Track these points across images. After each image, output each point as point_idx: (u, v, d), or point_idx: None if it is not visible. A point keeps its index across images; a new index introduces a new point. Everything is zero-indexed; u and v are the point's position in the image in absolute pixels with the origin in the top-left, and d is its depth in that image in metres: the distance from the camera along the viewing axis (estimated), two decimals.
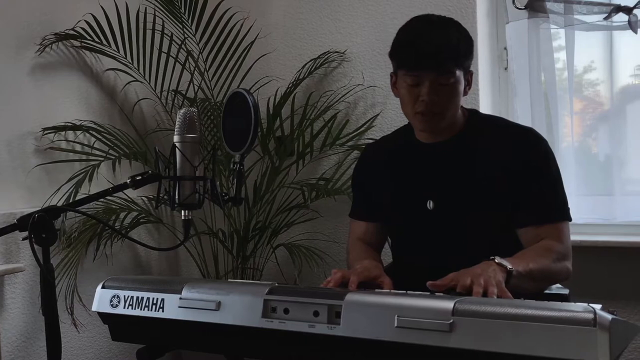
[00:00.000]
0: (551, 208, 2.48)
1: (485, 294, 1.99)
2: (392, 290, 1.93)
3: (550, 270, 2.38)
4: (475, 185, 2.48)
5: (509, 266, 2.15)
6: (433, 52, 2.38)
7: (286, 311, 1.84)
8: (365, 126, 3.94)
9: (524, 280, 2.20)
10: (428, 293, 1.98)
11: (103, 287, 2.15)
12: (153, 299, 2.04)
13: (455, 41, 2.42)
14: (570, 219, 2.51)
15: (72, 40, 3.76)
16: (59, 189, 3.46)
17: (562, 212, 2.49)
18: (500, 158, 2.47)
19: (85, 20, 3.73)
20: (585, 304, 1.58)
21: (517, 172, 2.44)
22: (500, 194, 2.45)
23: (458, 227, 2.51)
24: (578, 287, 2.62)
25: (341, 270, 2.28)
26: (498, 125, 2.61)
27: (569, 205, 2.53)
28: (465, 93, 2.51)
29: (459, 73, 2.42)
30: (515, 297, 1.96)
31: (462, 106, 2.57)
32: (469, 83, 2.52)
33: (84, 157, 3.70)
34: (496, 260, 2.15)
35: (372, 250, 2.74)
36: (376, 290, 2.15)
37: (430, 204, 2.54)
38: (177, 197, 2.11)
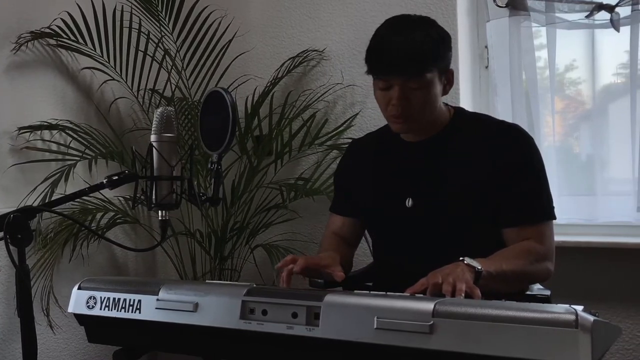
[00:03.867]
0: (534, 209, 2.46)
1: (454, 291, 1.99)
2: (372, 292, 1.92)
3: (525, 272, 2.37)
4: (456, 184, 2.47)
5: (478, 267, 2.15)
6: (398, 58, 2.36)
7: (264, 312, 1.83)
8: (344, 125, 3.93)
9: (495, 281, 2.20)
10: (408, 294, 1.97)
11: (79, 288, 2.14)
12: (130, 300, 2.02)
13: (421, 44, 2.37)
14: (554, 218, 2.50)
15: (48, 39, 3.73)
16: (34, 189, 3.44)
17: (545, 213, 2.48)
18: (484, 156, 2.46)
19: (61, 19, 3.70)
20: (567, 305, 1.57)
21: (500, 170, 2.42)
22: (482, 192, 2.44)
23: (437, 225, 2.49)
24: (560, 288, 2.61)
25: (293, 255, 2.33)
26: (483, 123, 2.59)
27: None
28: (446, 92, 2.49)
29: (431, 75, 2.38)
30: (495, 299, 1.95)
31: (447, 104, 2.57)
32: (449, 81, 2.49)
33: (60, 156, 3.68)
34: (465, 261, 2.15)
35: (344, 244, 2.73)
36: (356, 291, 2.14)
37: (409, 202, 2.53)
38: (154, 197, 2.10)
